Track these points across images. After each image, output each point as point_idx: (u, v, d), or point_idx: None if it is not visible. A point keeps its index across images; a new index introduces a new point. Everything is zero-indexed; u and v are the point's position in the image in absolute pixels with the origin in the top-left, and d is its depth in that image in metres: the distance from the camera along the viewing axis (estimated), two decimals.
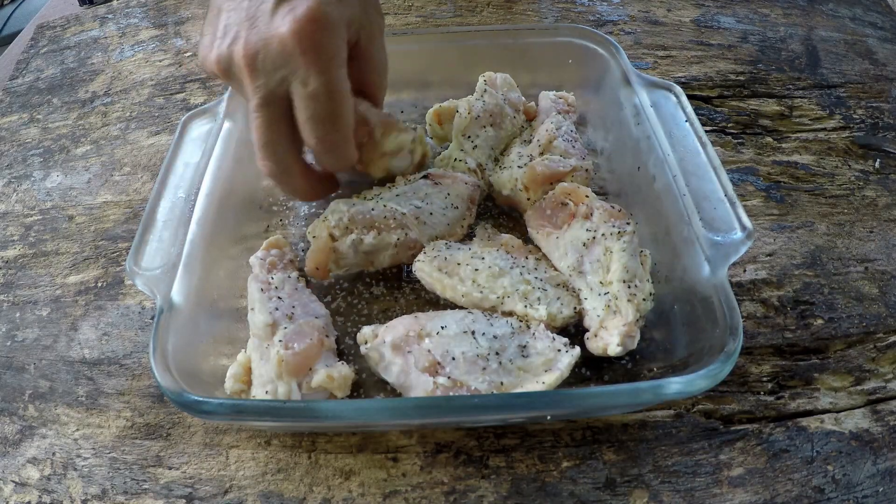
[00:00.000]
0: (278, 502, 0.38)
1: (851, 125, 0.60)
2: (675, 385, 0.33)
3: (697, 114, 0.47)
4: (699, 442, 0.40)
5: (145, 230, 0.42)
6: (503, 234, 0.48)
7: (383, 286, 0.47)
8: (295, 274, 0.45)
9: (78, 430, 0.43)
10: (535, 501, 0.38)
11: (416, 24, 0.73)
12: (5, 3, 1.79)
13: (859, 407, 0.41)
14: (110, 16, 0.83)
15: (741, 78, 0.65)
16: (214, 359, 0.41)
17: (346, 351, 0.43)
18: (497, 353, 0.39)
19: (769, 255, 0.49)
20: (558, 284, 0.44)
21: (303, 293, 0.44)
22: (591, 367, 0.41)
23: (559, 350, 0.39)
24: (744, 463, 0.39)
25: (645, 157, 0.47)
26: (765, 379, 0.43)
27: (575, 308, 0.42)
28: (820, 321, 0.46)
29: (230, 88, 0.51)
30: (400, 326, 0.40)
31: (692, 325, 0.39)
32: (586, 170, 0.50)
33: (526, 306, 0.42)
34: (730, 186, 0.41)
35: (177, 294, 0.39)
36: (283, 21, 0.37)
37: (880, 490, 0.38)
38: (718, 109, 0.62)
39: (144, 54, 0.74)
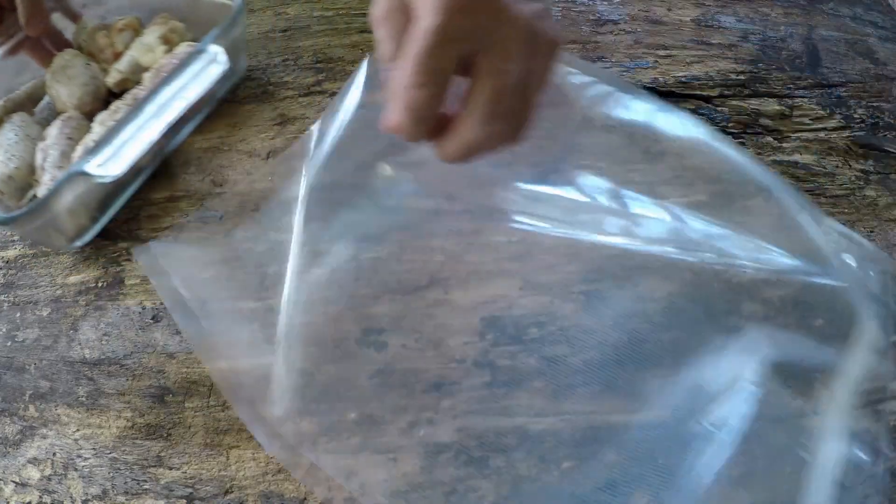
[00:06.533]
0: (279, 502, 0.38)
1: (852, 125, 0.60)
2: None
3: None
4: None
5: None
6: None
7: None
8: None
9: (78, 430, 0.43)
10: (535, 501, 0.38)
11: None
12: None
13: (859, 407, 0.41)
14: None
15: (742, 77, 0.64)
16: None
17: None
18: None
19: None
20: None
21: None
22: None
23: None
24: None
25: None
26: None
27: None
28: (820, 321, 0.45)
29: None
30: None
31: None
32: None
33: None
34: None
35: None
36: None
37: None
38: (719, 109, 0.61)
39: None
